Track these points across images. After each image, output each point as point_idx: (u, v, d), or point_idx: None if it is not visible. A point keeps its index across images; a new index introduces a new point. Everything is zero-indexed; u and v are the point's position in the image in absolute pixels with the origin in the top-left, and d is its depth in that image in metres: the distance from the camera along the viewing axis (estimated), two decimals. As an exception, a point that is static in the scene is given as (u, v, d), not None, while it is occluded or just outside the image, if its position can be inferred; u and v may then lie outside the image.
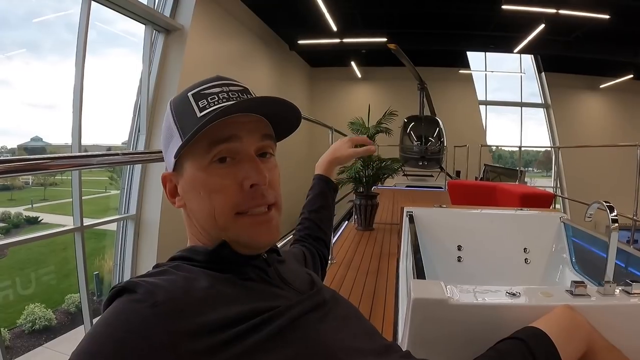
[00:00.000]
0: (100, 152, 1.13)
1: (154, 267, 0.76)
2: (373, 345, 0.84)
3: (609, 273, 1.35)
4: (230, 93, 0.81)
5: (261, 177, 0.78)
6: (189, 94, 0.81)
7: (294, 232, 1.38)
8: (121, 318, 0.61)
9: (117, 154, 1.19)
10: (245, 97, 0.82)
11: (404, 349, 0.92)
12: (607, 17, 9.43)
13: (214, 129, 0.75)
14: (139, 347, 0.57)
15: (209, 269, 0.76)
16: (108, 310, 0.63)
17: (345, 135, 5.84)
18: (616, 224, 1.38)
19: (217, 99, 0.80)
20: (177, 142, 0.79)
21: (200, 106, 0.79)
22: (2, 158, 0.89)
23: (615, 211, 1.40)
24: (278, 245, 0.96)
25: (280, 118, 0.86)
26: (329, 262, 4.09)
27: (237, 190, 0.77)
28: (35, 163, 0.98)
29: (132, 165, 7.21)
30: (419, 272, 1.67)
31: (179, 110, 0.82)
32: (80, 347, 0.58)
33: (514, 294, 1.31)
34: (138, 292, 0.63)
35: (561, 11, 9.45)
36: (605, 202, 1.42)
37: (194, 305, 0.65)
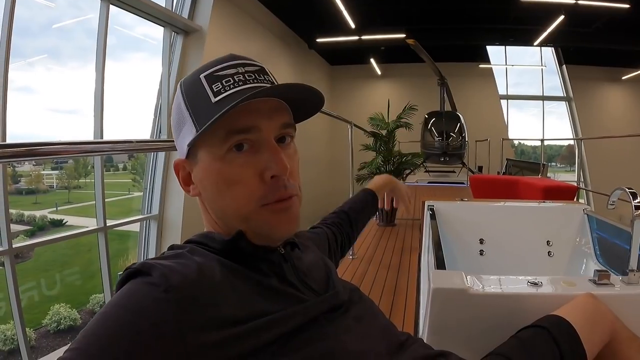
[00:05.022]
0: (112, 139, 1.13)
1: (169, 248, 0.76)
2: (386, 344, 0.82)
3: (633, 262, 1.32)
4: (246, 74, 0.77)
5: (283, 168, 0.74)
6: (202, 76, 0.77)
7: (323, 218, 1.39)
8: (132, 300, 0.60)
9: (131, 141, 1.19)
10: (263, 77, 0.78)
11: (425, 339, 0.91)
12: (627, 6, 9.29)
13: (232, 116, 0.71)
14: (147, 332, 0.57)
15: (223, 257, 0.74)
16: (121, 291, 0.62)
17: (365, 130, 5.88)
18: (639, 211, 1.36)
19: (232, 81, 0.75)
20: (190, 129, 0.76)
21: (215, 90, 0.75)
22: (10, 142, 0.89)
23: (639, 198, 1.37)
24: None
25: (301, 102, 0.82)
26: (350, 257, 4.08)
27: (258, 182, 0.75)
28: (46, 148, 0.98)
29: (154, 164, 7.30)
30: (440, 263, 1.66)
31: (191, 94, 0.77)
32: (89, 328, 0.58)
33: (535, 284, 1.29)
34: (153, 275, 0.62)
35: (580, 1, 9.33)
36: (629, 188, 1.39)
37: (206, 295, 0.64)
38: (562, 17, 10.27)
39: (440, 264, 1.66)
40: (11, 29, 4.58)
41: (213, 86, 0.75)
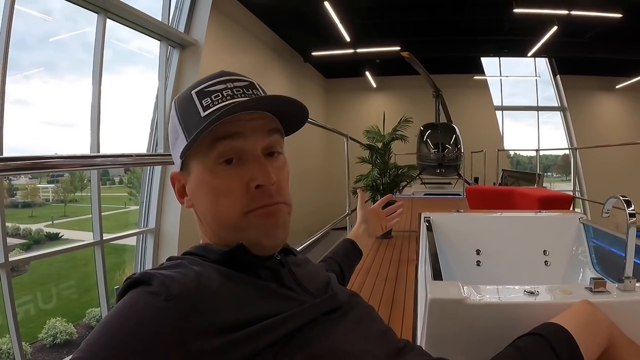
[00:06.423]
0: (112, 153, 1.14)
1: (167, 260, 0.77)
2: (384, 348, 0.83)
3: (629, 269, 1.33)
4: (234, 90, 0.80)
5: (267, 178, 0.77)
6: (193, 92, 0.81)
7: None
8: (134, 309, 0.61)
9: (131, 155, 1.21)
10: (251, 92, 0.82)
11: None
12: (620, 16, 9.36)
13: (218, 127, 0.74)
14: (150, 341, 0.57)
15: (222, 266, 0.75)
16: (123, 301, 0.63)
17: (361, 143, 5.89)
18: (634, 219, 1.36)
19: (220, 96, 0.79)
20: (182, 142, 0.79)
21: (204, 105, 0.78)
22: (14, 155, 0.90)
23: (633, 205, 1.38)
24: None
25: (287, 115, 0.85)
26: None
27: (244, 192, 0.77)
28: (42, 162, 0.99)
29: (150, 178, 7.28)
30: (436, 274, 1.66)
31: (183, 109, 0.81)
32: (91, 338, 0.59)
33: (532, 293, 1.29)
34: (153, 284, 0.64)
35: (573, 12, 9.38)
36: (623, 196, 1.40)
37: (207, 302, 0.65)
38: (555, 28, 10.33)
39: (437, 275, 1.66)
40: (8, 41, 4.58)
41: (203, 101, 0.79)
